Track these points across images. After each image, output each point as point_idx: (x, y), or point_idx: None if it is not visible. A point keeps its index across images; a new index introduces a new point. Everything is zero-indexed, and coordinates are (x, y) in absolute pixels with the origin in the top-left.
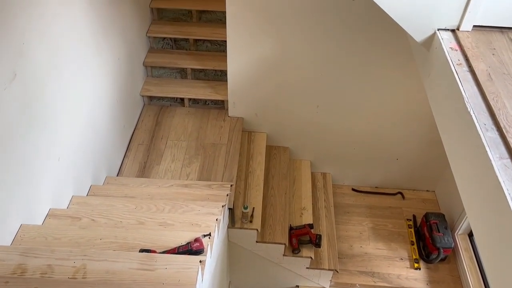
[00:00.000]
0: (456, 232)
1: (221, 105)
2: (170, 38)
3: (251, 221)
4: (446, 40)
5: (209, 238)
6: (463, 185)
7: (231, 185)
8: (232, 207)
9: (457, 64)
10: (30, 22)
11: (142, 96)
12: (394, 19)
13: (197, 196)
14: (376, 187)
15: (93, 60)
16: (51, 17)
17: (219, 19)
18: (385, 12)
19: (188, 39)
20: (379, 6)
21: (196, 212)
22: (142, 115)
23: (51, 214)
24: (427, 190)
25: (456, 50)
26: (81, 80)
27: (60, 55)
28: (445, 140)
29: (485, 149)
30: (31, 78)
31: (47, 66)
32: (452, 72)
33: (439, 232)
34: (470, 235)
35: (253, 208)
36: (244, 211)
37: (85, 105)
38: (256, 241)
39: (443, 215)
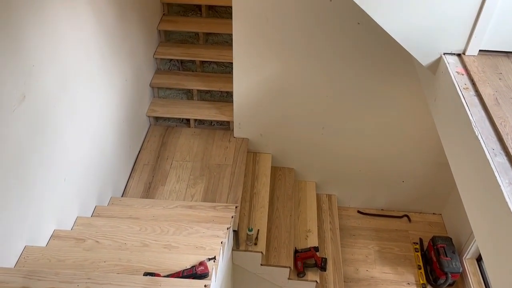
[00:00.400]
0: (464, 257)
1: (226, 126)
2: (177, 60)
3: (255, 244)
4: (452, 64)
5: (214, 261)
6: (472, 209)
7: (236, 207)
8: (236, 229)
9: (463, 88)
10: (40, 42)
11: (148, 116)
12: (400, 43)
13: (202, 217)
14: (382, 210)
15: (101, 81)
16: (61, 37)
17: (225, 41)
18: (391, 36)
19: (194, 60)
20: (385, 30)
21: (201, 234)
22: (148, 135)
23: (56, 235)
24: (433, 213)
25: (463, 75)
26: (89, 101)
27: (68, 76)
28: (453, 164)
29: (494, 174)
30: (39, 99)
31: (55, 88)
32: (459, 96)
33: (446, 256)
34: (478, 259)
35: (258, 230)
36: (249, 233)
37: (92, 126)
38: (261, 264)
39: (451, 239)
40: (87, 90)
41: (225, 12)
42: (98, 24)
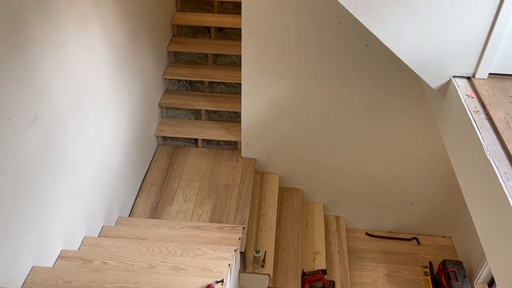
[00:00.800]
0: (475, 281)
1: (234, 146)
2: (186, 80)
3: (263, 266)
4: (462, 87)
5: (222, 284)
6: (484, 233)
7: (243, 228)
8: (244, 251)
9: (474, 112)
10: (53, 63)
11: (157, 136)
12: (409, 66)
13: (209, 239)
14: (390, 232)
15: (111, 101)
16: (73, 58)
17: (234, 62)
18: (399, 58)
19: (203, 81)
20: (393, 53)
21: (208, 256)
22: (156, 155)
23: (63, 256)
24: (443, 236)
25: (473, 98)
26: (99, 121)
27: (79, 96)
28: (464, 187)
29: (507, 198)
30: (51, 119)
31: (66, 108)
32: (470, 120)
33: (457, 281)
34: (490, 284)
35: (265, 252)
36: (256, 255)
37: (101, 146)
38: (268, 287)
39: (461, 263)
40: (97, 110)
41: (234, 34)
42: (110, 45)
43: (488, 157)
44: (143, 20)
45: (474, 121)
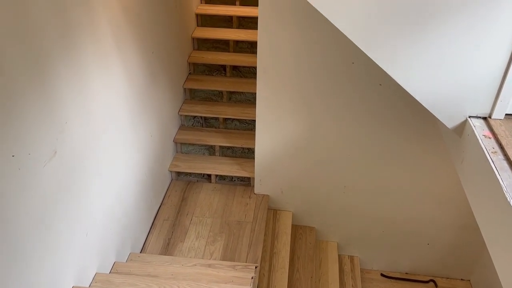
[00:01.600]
0: None
1: (247, 182)
2: (201, 117)
3: None
4: (479, 128)
5: None
6: (507, 279)
7: (255, 267)
8: None
9: (492, 152)
10: (74, 100)
11: (170, 171)
12: (425, 106)
13: (221, 277)
14: (406, 273)
15: (127, 137)
16: (93, 95)
17: (248, 99)
18: (413, 97)
19: (218, 117)
20: (407, 91)
21: None
22: (169, 190)
23: None
24: (461, 279)
25: (490, 138)
26: (115, 157)
27: (97, 132)
28: (484, 229)
29: None
30: (69, 155)
31: (85, 143)
32: (488, 161)
33: None
34: None
35: None
36: None
37: (116, 181)
38: None
39: None
40: (114, 145)
41: (249, 72)
42: (129, 83)
43: (508, 199)
44: (161, 58)
45: (493, 162)
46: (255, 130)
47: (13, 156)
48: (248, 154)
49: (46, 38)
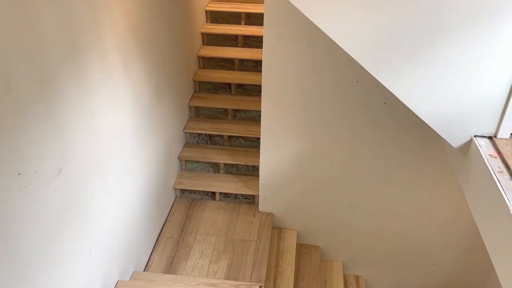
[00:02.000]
0: None
1: (251, 200)
2: (206, 134)
3: None
4: (484, 147)
5: None
6: None
7: (259, 287)
8: None
9: (498, 172)
10: (80, 118)
11: (175, 189)
12: (430, 125)
13: None
14: None
15: (133, 154)
16: (100, 113)
17: (253, 117)
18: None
19: (222, 135)
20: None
21: None
22: (173, 208)
23: None
24: None
25: (496, 157)
26: (120, 175)
27: (103, 150)
28: (490, 250)
29: None
30: (74, 173)
31: (90, 161)
32: (494, 181)
33: None
34: None
35: None
36: None
37: (121, 198)
38: None
39: None
40: (119, 163)
41: (254, 90)
42: (135, 101)
43: None
44: (167, 76)
45: (499, 182)
46: (259, 148)
47: (19, 174)
48: (252, 171)
49: (54, 56)
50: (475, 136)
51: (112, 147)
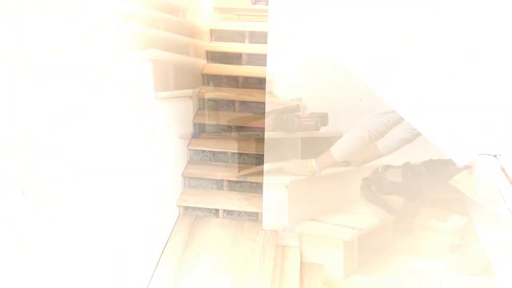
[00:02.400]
0: None
1: (255, 217)
2: (209, 151)
3: None
4: (490, 165)
5: None
6: None
7: None
8: None
9: (504, 189)
10: (85, 138)
11: (178, 206)
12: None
13: None
14: None
15: (138, 171)
16: (105, 130)
17: (256, 134)
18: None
19: (226, 152)
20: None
21: None
22: (176, 225)
23: None
24: None
25: (501, 175)
26: (124, 191)
27: (107, 166)
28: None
29: None
30: (79, 188)
31: (94, 176)
32: (500, 197)
33: None
34: None
35: None
36: None
37: (124, 215)
38: None
39: None
40: (123, 180)
41: (257, 107)
42: (139, 121)
43: None
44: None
45: (504, 199)
46: (263, 165)
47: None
48: (256, 188)
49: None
50: (480, 154)
51: (118, 165)
